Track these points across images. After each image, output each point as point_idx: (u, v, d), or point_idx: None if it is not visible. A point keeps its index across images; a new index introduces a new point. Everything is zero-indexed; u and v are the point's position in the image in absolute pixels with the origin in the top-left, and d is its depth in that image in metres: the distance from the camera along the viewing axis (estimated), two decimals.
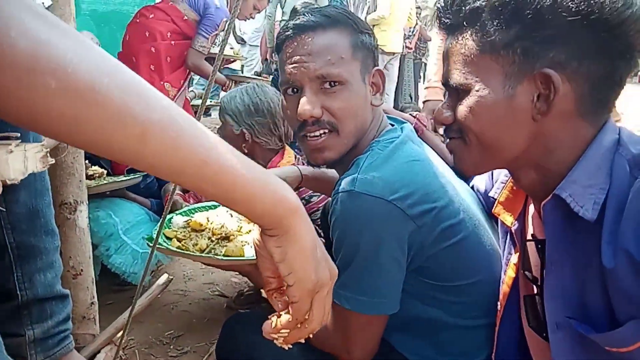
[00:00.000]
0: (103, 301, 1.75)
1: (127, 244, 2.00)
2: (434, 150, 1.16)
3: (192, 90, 3.69)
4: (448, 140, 0.85)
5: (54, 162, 0.89)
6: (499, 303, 0.98)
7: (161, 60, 2.57)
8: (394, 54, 5.40)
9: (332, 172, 1.37)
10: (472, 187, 1.16)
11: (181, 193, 2.11)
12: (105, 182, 1.92)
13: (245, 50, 6.15)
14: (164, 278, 1.58)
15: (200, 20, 2.62)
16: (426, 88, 2.09)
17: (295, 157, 2.01)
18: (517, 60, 0.73)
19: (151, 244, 1.43)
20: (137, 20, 2.63)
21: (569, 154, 0.75)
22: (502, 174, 0.99)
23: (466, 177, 1.15)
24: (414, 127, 1.23)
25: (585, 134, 0.74)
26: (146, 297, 1.52)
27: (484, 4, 0.73)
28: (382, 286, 0.93)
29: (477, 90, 0.76)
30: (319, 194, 1.81)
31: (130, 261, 2.00)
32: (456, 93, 0.80)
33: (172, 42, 2.60)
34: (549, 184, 0.77)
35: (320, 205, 1.82)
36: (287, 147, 2.03)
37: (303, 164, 1.89)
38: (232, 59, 3.86)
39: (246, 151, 1.93)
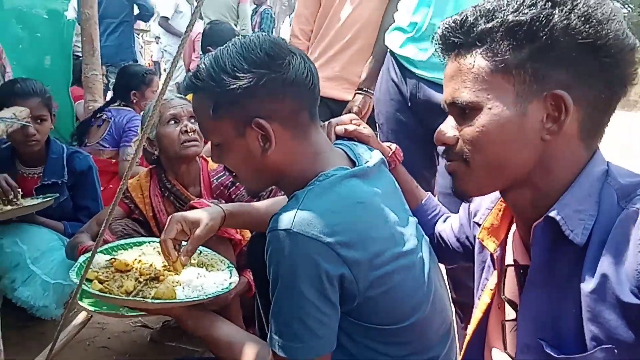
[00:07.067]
0: (5, 340, 1.54)
1: (36, 275, 1.80)
2: (400, 187, 1.12)
3: None
4: (447, 162, 0.84)
5: None
6: (469, 327, 0.98)
7: None
8: None
9: (257, 206, 1.31)
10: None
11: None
12: (10, 207, 1.70)
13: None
14: (82, 316, 1.41)
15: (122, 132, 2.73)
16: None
17: None
18: (528, 81, 0.75)
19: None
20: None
21: (565, 176, 0.77)
22: (485, 201, 1.00)
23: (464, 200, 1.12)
24: (388, 160, 1.17)
25: (581, 158, 0.78)
26: (60, 341, 1.35)
27: (498, 24, 0.75)
28: (316, 328, 0.91)
29: (490, 108, 0.76)
30: None
31: (40, 293, 1.79)
32: (461, 113, 0.80)
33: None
34: (539, 205, 0.78)
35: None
36: None
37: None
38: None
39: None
